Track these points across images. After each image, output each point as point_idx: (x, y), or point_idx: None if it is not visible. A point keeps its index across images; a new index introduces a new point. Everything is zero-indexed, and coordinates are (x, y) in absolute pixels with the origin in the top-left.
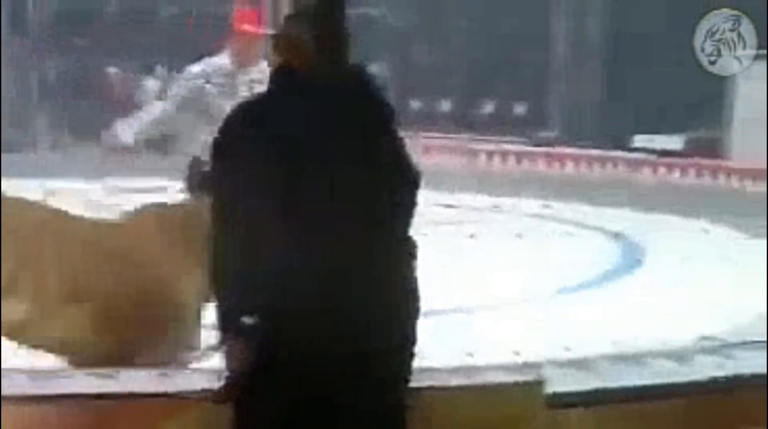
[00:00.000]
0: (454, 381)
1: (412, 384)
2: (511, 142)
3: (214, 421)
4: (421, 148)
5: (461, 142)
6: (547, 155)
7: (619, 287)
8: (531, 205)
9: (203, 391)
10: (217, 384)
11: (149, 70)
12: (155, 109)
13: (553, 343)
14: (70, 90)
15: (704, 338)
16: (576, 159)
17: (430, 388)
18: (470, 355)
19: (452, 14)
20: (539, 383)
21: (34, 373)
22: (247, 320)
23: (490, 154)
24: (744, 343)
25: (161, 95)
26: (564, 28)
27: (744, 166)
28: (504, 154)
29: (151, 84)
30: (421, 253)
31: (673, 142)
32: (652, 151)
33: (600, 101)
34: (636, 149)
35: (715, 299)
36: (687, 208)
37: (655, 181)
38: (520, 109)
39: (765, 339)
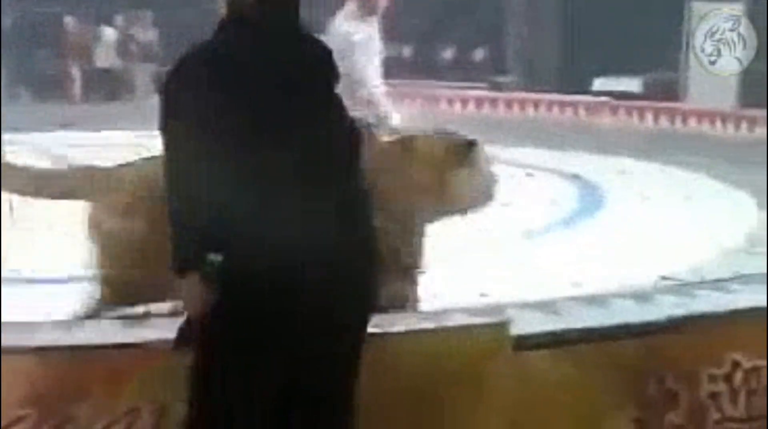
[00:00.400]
0: (420, 324)
1: (378, 328)
2: (471, 88)
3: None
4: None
5: (421, 88)
6: (507, 100)
7: (581, 229)
8: (492, 149)
9: (168, 342)
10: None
11: (107, 21)
12: None
13: (518, 285)
14: (26, 41)
15: (664, 278)
16: (536, 103)
17: (396, 332)
18: (435, 297)
19: None
20: (504, 325)
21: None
22: (212, 257)
23: (450, 100)
24: (703, 282)
25: (119, 47)
26: None
27: (701, 107)
28: (464, 100)
29: (108, 34)
30: None
31: (632, 85)
32: (611, 95)
33: (559, 45)
34: (595, 93)
35: (675, 239)
36: (646, 150)
37: (613, 125)
38: (479, 54)
39: (724, 277)
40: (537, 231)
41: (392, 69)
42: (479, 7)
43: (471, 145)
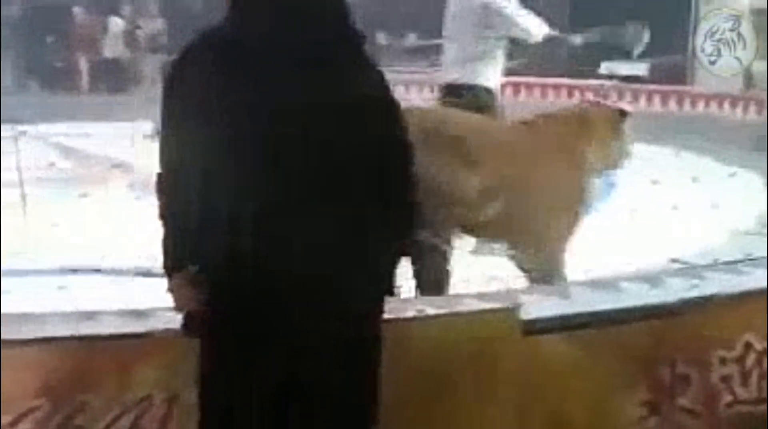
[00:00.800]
0: (430, 309)
1: (388, 314)
2: None
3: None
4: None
5: (426, 74)
6: (514, 84)
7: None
8: None
9: (178, 331)
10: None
11: (115, 11)
12: None
13: None
14: (34, 32)
15: (674, 261)
16: (543, 87)
17: (406, 317)
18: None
19: None
20: (514, 309)
21: (8, 317)
22: (192, 269)
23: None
24: (713, 265)
25: (126, 38)
26: None
27: (709, 91)
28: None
29: (116, 24)
30: None
31: (639, 68)
32: (618, 78)
33: (564, 29)
34: (602, 76)
35: (686, 221)
36: (655, 134)
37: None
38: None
39: (735, 259)
40: None
41: (397, 56)
42: None
43: (624, 113)
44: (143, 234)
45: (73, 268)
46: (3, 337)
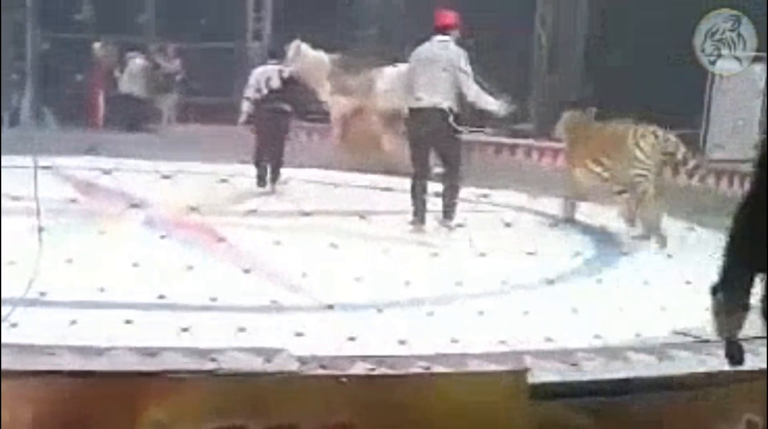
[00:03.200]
0: (439, 368)
1: (398, 371)
2: (490, 134)
3: (210, 402)
4: None
5: None
6: (526, 147)
7: (603, 279)
8: (514, 196)
9: (194, 371)
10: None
11: (139, 47)
12: None
13: (537, 333)
14: (55, 66)
15: (683, 333)
16: (554, 152)
17: (414, 374)
18: (455, 342)
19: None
20: (522, 373)
21: (22, 349)
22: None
23: (468, 145)
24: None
25: (146, 73)
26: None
27: (721, 165)
28: (482, 146)
29: (136, 62)
30: (407, 243)
31: None
32: None
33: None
34: None
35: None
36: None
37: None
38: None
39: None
40: (559, 279)
41: None
42: (503, 55)
43: None
44: (158, 272)
45: (85, 302)
46: (13, 367)
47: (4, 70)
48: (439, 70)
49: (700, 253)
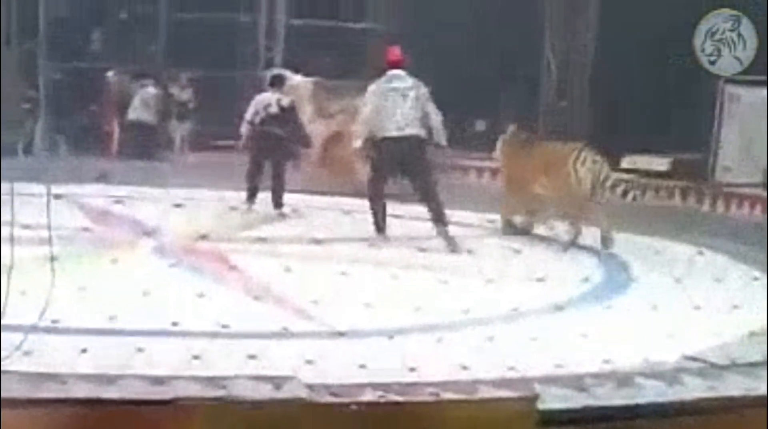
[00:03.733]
0: (448, 395)
1: (408, 397)
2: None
3: None
4: None
5: (452, 159)
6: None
7: (611, 305)
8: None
9: (205, 398)
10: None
11: (152, 76)
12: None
13: (547, 359)
14: (68, 95)
15: (692, 359)
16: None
17: (424, 401)
18: (465, 368)
19: (448, 31)
20: (532, 399)
21: (32, 377)
22: None
23: (479, 171)
24: (731, 366)
25: (158, 101)
26: (556, 41)
27: (729, 189)
28: (494, 171)
29: (148, 90)
30: (420, 268)
31: (660, 163)
32: (639, 172)
33: (586, 122)
34: (622, 170)
35: (706, 321)
36: (676, 229)
37: (642, 202)
38: (510, 128)
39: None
40: (568, 305)
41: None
42: (509, 82)
43: None
44: (170, 299)
45: (97, 330)
46: (23, 395)
47: (17, 100)
48: (410, 99)
49: None
